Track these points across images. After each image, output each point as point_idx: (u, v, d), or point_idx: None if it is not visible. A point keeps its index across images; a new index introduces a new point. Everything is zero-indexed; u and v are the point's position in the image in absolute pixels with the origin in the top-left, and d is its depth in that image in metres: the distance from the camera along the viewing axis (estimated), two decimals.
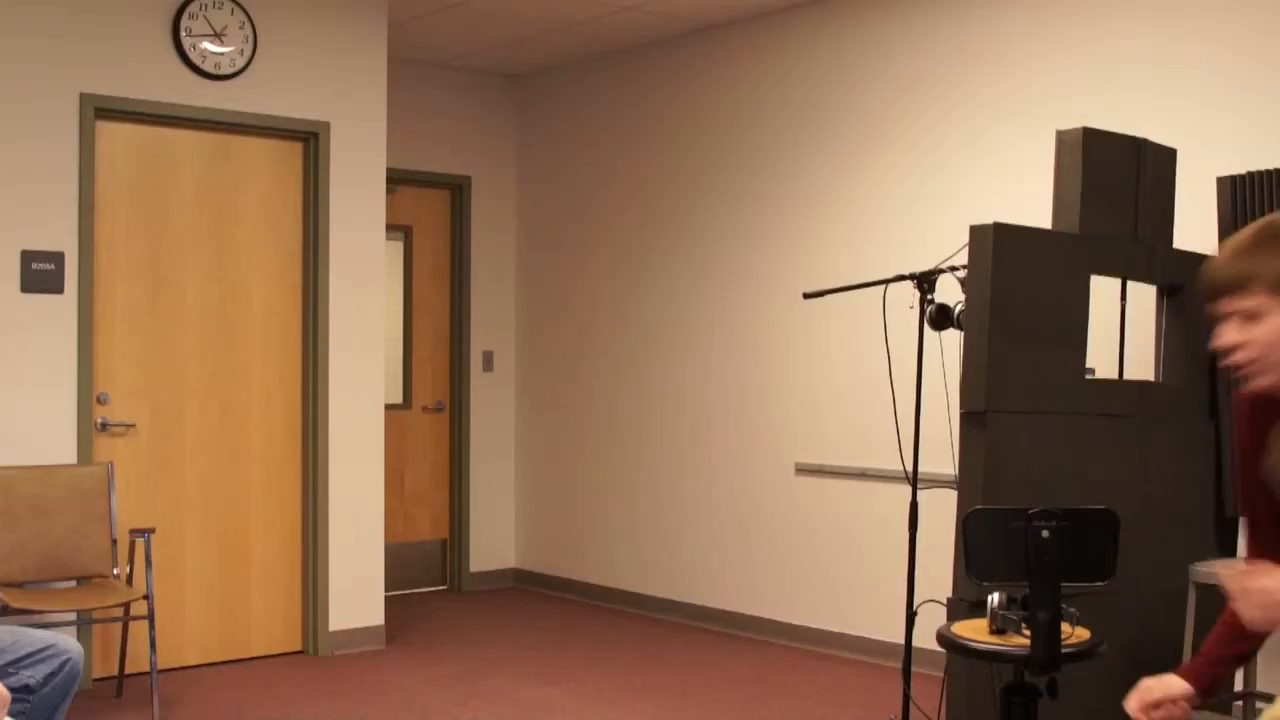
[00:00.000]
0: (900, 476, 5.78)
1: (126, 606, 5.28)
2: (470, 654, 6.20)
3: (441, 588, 7.96)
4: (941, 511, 5.48)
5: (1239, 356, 2.16)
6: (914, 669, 4.66)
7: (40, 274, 5.36)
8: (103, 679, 5.53)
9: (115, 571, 5.33)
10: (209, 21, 5.76)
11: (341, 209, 6.18)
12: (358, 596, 6.23)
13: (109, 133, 5.61)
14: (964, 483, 3.95)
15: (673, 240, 7.19)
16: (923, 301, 4.48)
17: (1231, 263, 2.14)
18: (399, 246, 7.72)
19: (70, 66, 5.44)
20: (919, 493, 4.68)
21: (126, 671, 5.47)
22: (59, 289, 5.40)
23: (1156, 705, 2.32)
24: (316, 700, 5.34)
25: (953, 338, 4.83)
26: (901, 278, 4.61)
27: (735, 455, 6.78)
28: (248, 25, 5.87)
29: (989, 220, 4.06)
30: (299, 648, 6.15)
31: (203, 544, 5.86)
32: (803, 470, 6.48)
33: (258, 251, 6.03)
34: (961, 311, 4.21)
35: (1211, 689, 2.37)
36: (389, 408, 7.04)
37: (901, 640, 4.76)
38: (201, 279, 5.86)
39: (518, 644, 6.44)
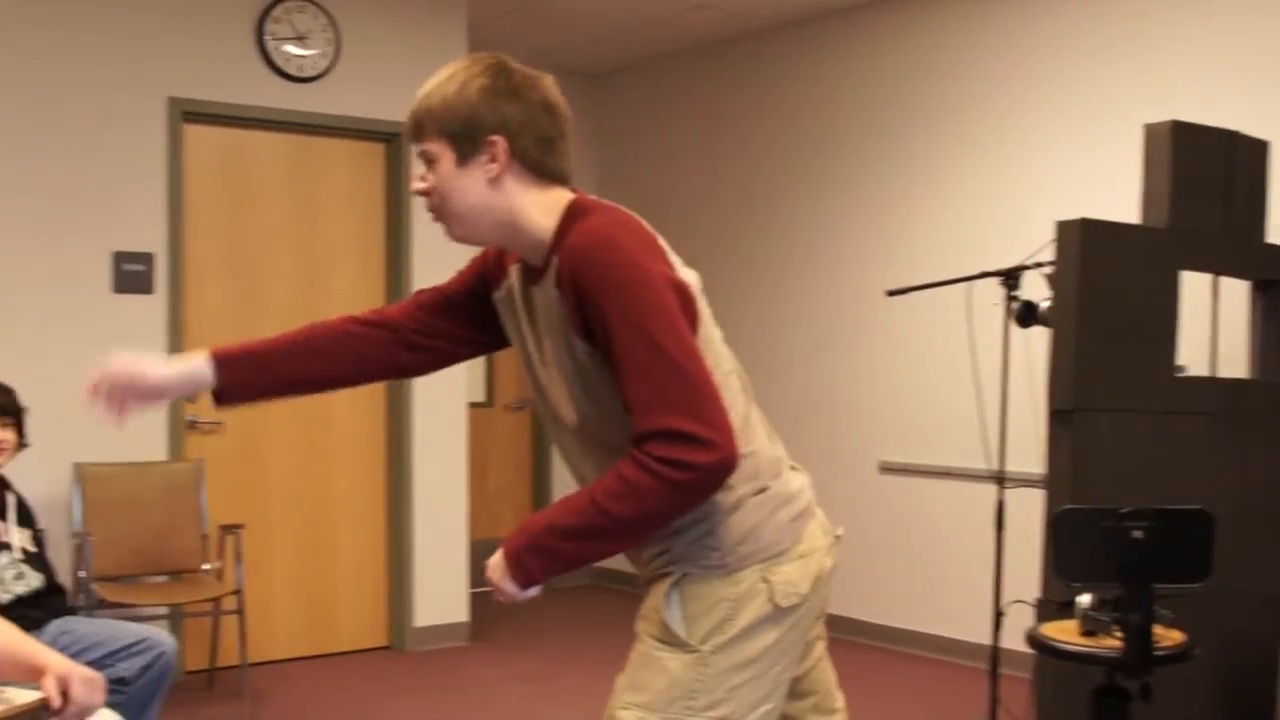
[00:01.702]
0: (986, 475, 5.71)
1: (217, 601, 5.38)
2: (553, 650, 6.23)
3: None
4: (1028, 511, 5.40)
5: (427, 202, 2.11)
6: (1001, 671, 4.60)
7: (131, 274, 5.47)
8: (194, 672, 5.64)
9: (206, 566, 5.43)
10: (292, 25, 5.84)
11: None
12: (443, 593, 6.28)
13: (196, 135, 5.71)
14: (1052, 482, 3.89)
15: (754, 237, 7.16)
16: (1008, 298, 4.42)
17: (414, 107, 2.07)
18: None
19: (158, 71, 5.54)
20: (1005, 492, 4.62)
21: (217, 665, 5.57)
22: (149, 289, 5.51)
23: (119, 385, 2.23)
24: (402, 695, 5.40)
25: (1039, 335, 4.76)
26: (987, 274, 4.56)
27: (818, 453, 6.74)
28: (330, 28, 5.94)
29: (1076, 216, 4.00)
30: (385, 643, 6.22)
31: (290, 540, 5.95)
32: (886, 469, 6.42)
33: (341, 251, 6.10)
34: (1047, 308, 4.14)
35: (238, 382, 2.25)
36: (472, 406, 7.08)
37: (988, 641, 4.70)
38: (287, 278, 5.95)
39: (600, 641, 6.46)
